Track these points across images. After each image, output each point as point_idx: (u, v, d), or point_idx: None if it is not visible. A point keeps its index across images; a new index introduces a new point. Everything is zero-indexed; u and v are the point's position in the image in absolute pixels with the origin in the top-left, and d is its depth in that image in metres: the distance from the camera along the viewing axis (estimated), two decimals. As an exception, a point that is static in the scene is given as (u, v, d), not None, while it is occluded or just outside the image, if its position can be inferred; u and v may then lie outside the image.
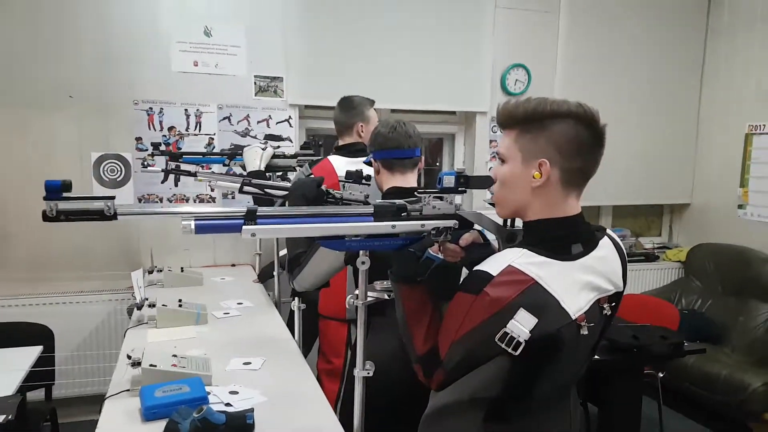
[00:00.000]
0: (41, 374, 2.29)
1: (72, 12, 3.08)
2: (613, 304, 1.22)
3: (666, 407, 3.14)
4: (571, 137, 1.10)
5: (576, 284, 1.10)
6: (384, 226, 1.20)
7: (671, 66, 4.26)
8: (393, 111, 3.70)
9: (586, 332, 1.10)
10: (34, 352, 2.20)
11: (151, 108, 3.25)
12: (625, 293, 1.26)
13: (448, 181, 1.24)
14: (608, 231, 1.27)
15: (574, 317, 1.07)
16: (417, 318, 1.21)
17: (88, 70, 3.13)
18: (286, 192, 2.05)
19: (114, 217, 1.06)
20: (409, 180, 1.84)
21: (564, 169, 1.11)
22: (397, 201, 1.25)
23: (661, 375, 3.07)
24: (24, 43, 3.03)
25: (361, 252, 1.32)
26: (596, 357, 2.48)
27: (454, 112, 3.98)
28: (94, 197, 1.04)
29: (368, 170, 1.91)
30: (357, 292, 1.42)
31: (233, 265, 3.43)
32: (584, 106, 1.11)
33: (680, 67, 4.30)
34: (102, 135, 3.19)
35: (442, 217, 1.24)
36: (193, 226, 1.09)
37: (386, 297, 1.46)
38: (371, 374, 1.44)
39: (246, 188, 2.01)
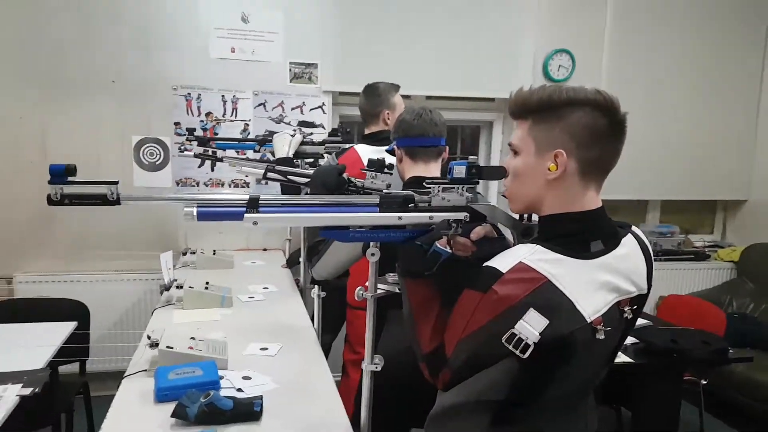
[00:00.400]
0: (76, 349, 2.37)
1: (115, 0, 3.17)
2: (635, 307, 1.14)
3: (708, 414, 3.00)
4: (589, 126, 1.04)
5: (593, 284, 1.04)
6: (389, 218, 1.16)
7: (729, 53, 4.03)
8: (428, 98, 3.64)
9: (602, 336, 1.03)
10: (69, 327, 2.28)
11: (189, 93, 3.31)
12: (669, 294, 1.18)
13: (459, 171, 1.19)
14: (634, 228, 1.19)
15: (589, 320, 1.01)
16: (423, 314, 1.17)
17: (129, 57, 3.21)
18: (309, 179, 2.04)
19: (117, 202, 1.06)
20: (432, 170, 1.79)
21: (581, 160, 1.05)
22: (405, 191, 1.21)
23: (704, 382, 2.92)
24: (70, 30, 3.13)
25: (371, 243, 1.30)
26: (631, 360, 2.41)
27: (492, 99, 3.90)
28: (97, 182, 1.05)
29: (391, 159, 1.87)
30: (367, 284, 1.40)
31: (265, 250, 3.48)
32: (602, 93, 1.05)
33: (739, 54, 4.05)
34: (142, 119, 3.28)
35: (452, 209, 1.19)
36: (195, 213, 1.10)
37: (397, 290, 1.43)
38: (379, 368, 1.42)
39: (269, 174, 2.01)
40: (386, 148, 1.92)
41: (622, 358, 2.39)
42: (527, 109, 1.09)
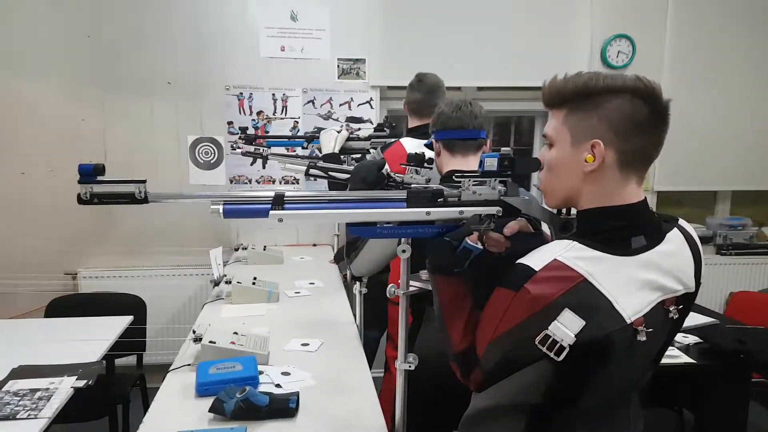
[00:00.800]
0: (133, 342, 2.46)
1: (168, 3, 3.27)
2: (682, 306, 1.07)
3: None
4: (628, 114, 0.98)
5: (634, 283, 0.98)
6: (418, 213, 1.14)
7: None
8: (480, 89, 3.56)
9: (643, 338, 0.97)
10: (125, 321, 2.38)
11: (241, 93, 3.38)
12: (739, 290, 1.10)
13: (490, 164, 1.14)
14: (681, 222, 1.11)
15: (629, 321, 0.95)
16: (454, 312, 1.14)
17: (183, 58, 3.31)
18: (349, 175, 2.03)
19: (145, 200, 1.08)
20: (471, 163, 1.74)
21: (620, 150, 1.00)
22: (434, 185, 1.18)
23: (777, 384, 2.74)
24: (126, 34, 3.26)
25: (402, 239, 1.27)
26: (694, 361, 2.28)
27: (548, 89, 3.75)
28: (126, 181, 1.07)
29: (431, 153, 1.84)
30: (400, 280, 1.38)
31: (314, 245, 3.50)
32: (643, 80, 0.99)
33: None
34: (197, 119, 3.37)
35: (484, 203, 1.15)
36: (221, 211, 1.11)
37: (430, 288, 1.40)
38: (413, 367, 1.39)
39: (311, 171, 2.02)
40: (425, 142, 1.89)
41: (684, 358, 2.28)
42: (562, 97, 1.04)
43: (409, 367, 1.41)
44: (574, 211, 1.12)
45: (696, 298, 1.11)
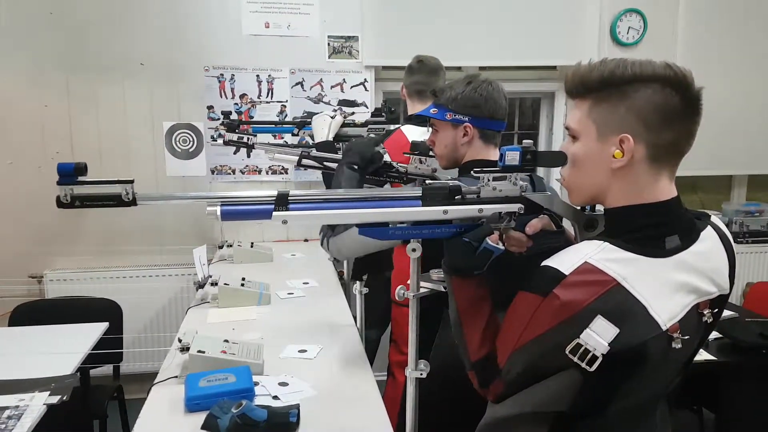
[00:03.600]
0: (108, 351, 2.43)
1: (140, -24, 3.20)
2: (716, 310, 1.07)
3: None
4: (659, 105, 0.97)
5: (669, 286, 0.98)
6: (434, 212, 1.12)
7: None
8: (482, 68, 3.55)
9: (679, 346, 0.98)
10: (100, 328, 2.34)
11: (222, 74, 3.33)
12: (757, 281, 1.11)
13: (512, 157, 1.13)
14: (713, 218, 1.12)
15: (664, 327, 0.96)
16: (472, 318, 1.14)
17: (157, 37, 3.25)
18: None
19: (133, 202, 1.07)
20: (492, 153, 1.71)
21: (651, 144, 0.99)
22: (450, 181, 1.16)
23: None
24: (94, 10, 3.18)
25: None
26: (714, 358, 2.30)
27: (553, 67, 3.77)
28: (111, 181, 1.05)
29: None
30: (409, 282, 1.36)
31: (306, 240, 3.48)
32: (673, 67, 0.98)
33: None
34: (173, 104, 3.32)
35: (504, 200, 1.14)
36: (218, 213, 1.09)
37: (443, 289, 1.39)
38: (425, 375, 1.38)
39: (304, 161, 1.99)
40: (429, 129, 1.85)
41: (703, 355, 2.32)
42: (586, 87, 1.03)
43: (421, 375, 1.41)
44: (598, 207, 1.12)
45: (729, 298, 1.11)
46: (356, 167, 1.72)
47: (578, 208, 1.14)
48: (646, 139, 0.99)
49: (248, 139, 2.47)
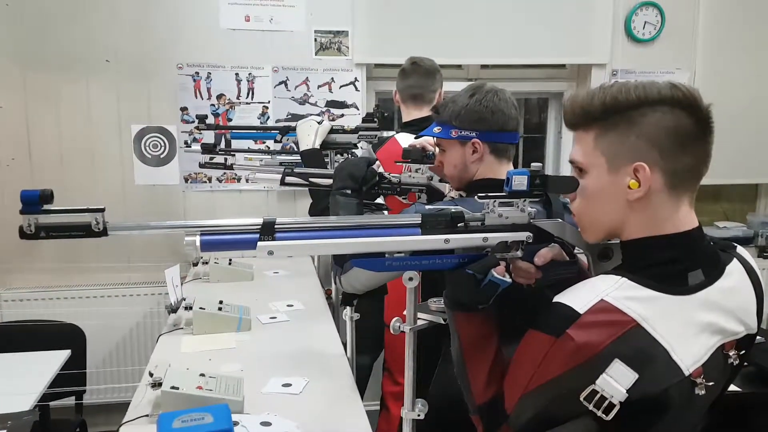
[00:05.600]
0: (71, 380, 2.43)
1: (107, -36, 3.20)
2: (743, 351, 1.09)
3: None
4: (671, 129, 1.01)
5: (693, 327, 1.00)
6: (434, 241, 1.14)
7: None
8: (483, 67, 3.57)
9: (702, 392, 0.99)
10: (61, 357, 2.33)
11: (197, 73, 3.34)
12: None
13: (519, 182, 1.15)
14: (739, 249, 1.14)
15: (687, 372, 0.98)
16: (477, 356, 1.16)
17: (125, 30, 3.25)
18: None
19: (104, 233, 1.07)
20: (505, 171, 1.71)
21: (669, 171, 1.02)
22: (453, 207, 1.18)
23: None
24: (55, 1, 3.18)
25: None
26: (738, 389, 2.32)
27: (563, 66, 3.82)
28: (80, 209, 1.06)
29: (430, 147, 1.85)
30: (405, 312, 1.37)
31: (290, 257, 3.47)
32: (680, 87, 1.01)
33: None
34: (143, 105, 3.33)
35: (511, 228, 1.17)
36: (198, 243, 1.10)
37: (442, 321, 1.40)
38: (422, 417, 1.39)
39: (288, 179, 2.00)
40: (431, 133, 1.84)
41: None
42: (589, 116, 1.06)
43: (418, 416, 1.42)
44: None
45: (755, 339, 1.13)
46: (350, 192, 1.72)
47: None
48: (662, 167, 1.01)
49: (226, 159, 2.48)
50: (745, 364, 1.10)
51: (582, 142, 1.08)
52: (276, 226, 1.10)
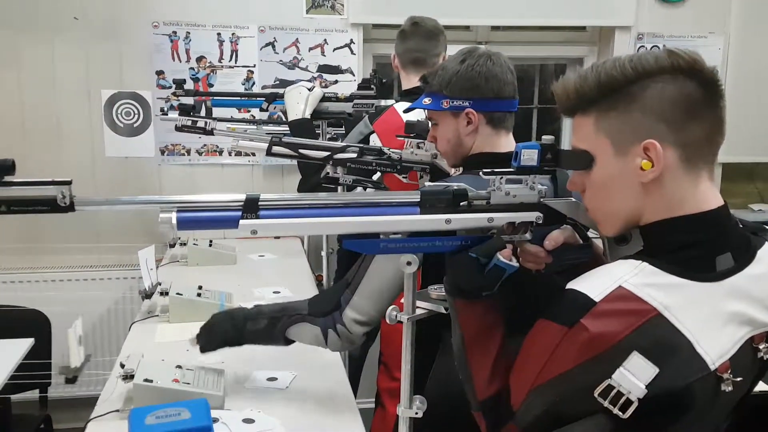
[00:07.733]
0: (34, 371, 2.45)
1: None
2: None
3: None
4: (676, 98, 1.01)
5: (720, 317, 1.01)
6: (434, 221, 1.15)
7: None
8: (494, 29, 3.57)
9: (729, 389, 1.00)
10: (24, 345, 2.35)
11: (174, 32, 3.34)
12: None
13: (529, 156, 1.15)
14: (771, 230, 1.14)
15: (713, 367, 0.98)
16: (480, 348, 1.17)
17: (95, -15, 3.22)
18: (329, 153, 2.03)
19: (71, 208, 1.09)
20: (511, 144, 1.72)
21: (681, 144, 1.02)
22: (455, 184, 1.18)
23: None
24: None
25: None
26: (759, 390, 2.35)
27: (583, 28, 3.81)
28: (44, 182, 1.07)
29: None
30: (403, 300, 1.38)
31: (277, 238, 3.48)
32: (679, 53, 1.02)
33: None
34: (114, 68, 3.33)
35: (519, 207, 1.17)
36: (174, 221, 1.11)
37: (443, 310, 1.41)
38: (420, 414, 1.41)
39: (275, 149, 2.01)
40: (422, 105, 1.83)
41: (758, 385, 2.33)
42: (584, 99, 1.07)
43: (416, 414, 1.43)
44: None
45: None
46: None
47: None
48: (673, 141, 1.01)
49: (206, 123, 2.48)
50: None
51: (582, 129, 1.08)
52: (260, 203, 1.11)
